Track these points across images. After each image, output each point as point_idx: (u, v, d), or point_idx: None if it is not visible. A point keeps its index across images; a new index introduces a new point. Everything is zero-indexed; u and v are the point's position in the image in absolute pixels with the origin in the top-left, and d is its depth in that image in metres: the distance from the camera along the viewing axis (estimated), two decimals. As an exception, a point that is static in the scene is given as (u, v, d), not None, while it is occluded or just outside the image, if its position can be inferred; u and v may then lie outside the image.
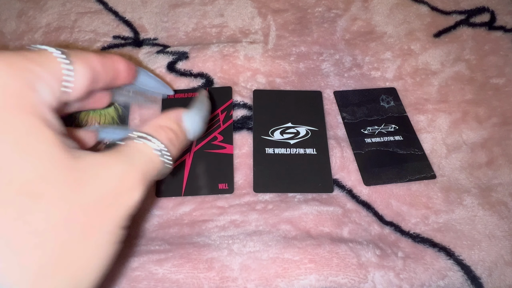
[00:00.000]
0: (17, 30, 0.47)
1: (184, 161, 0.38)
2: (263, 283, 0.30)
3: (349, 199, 0.36)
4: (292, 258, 0.31)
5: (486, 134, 0.40)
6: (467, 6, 0.50)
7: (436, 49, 0.47)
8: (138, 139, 0.21)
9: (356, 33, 0.48)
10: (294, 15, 0.49)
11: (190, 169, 0.37)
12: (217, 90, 0.42)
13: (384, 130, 0.40)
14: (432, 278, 0.31)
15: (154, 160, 0.21)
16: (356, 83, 0.44)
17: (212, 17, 0.49)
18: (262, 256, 0.31)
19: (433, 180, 0.37)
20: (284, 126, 0.40)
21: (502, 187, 0.37)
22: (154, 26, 0.48)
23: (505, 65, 0.45)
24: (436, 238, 0.34)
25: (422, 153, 0.39)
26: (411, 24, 0.49)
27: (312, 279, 0.30)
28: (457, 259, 0.33)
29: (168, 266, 0.31)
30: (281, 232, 0.33)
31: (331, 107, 0.42)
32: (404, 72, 0.45)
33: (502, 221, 0.35)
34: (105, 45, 0.46)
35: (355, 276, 0.31)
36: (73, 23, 0.47)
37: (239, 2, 0.50)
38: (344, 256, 0.31)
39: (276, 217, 0.34)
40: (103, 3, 0.49)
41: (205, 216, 0.35)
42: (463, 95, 0.43)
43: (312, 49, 0.47)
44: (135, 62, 0.45)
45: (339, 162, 0.38)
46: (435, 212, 0.35)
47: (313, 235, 0.33)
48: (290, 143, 0.39)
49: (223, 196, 0.36)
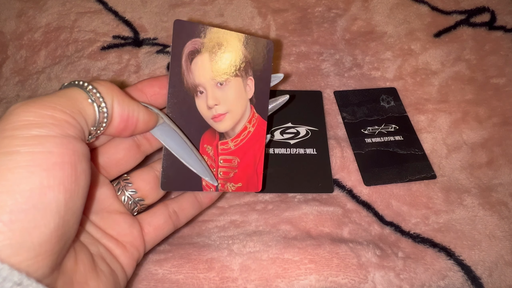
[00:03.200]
0: (17, 30, 0.47)
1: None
2: (263, 283, 0.30)
3: (349, 199, 0.36)
4: (292, 258, 0.31)
5: (486, 134, 0.40)
6: (468, 6, 0.50)
7: (436, 49, 0.46)
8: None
9: (356, 33, 0.48)
10: (294, 15, 0.49)
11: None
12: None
13: (384, 130, 0.40)
14: (433, 278, 0.31)
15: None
16: (356, 83, 0.44)
17: (212, 17, 0.48)
18: (262, 256, 0.31)
19: (434, 180, 0.37)
20: (284, 126, 0.40)
21: (503, 187, 0.37)
22: (154, 26, 0.48)
23: (506, 65, 0.45)
24: (436, 238, 0.34)
25: (422, 153, 0.39)
26: (411, 24, 0.49)
27: (312, 279, 0.30)
28: (458, 259, 0.32)
29: (168, 267, 0.31)
30: (281, 232, 0.33)
31: (331, 107, 0.42)
32: (404, 72, 0.45)
33: (502, 221, 0.35)
34: (105, 45, 0.46)
35: (355, 276, 0.31)
36: (73, 23, 0.47)
37: (239, 2, 0.50)
38: (344, 256, 0.31)
39: (276, 217, 0.34)
40: (103, 3, 0.49)
41: (205, 216, 0.35)
42: (464, 95, 0.43)
43: (312, 49, 0.46)
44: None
45: (339, 162, 0.38)
46: (435, 212, 0.35)
47: (313, 235, 0.33)
48: (290, 143, 0.39)
49: (222, 196, 0.36)
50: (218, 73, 0.28)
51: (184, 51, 0.27)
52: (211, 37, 0.28)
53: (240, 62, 0.29)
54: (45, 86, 0.43)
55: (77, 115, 0.20)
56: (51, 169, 0.17)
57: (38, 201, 0.17)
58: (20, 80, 0.44)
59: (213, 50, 0.28)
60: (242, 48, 0.29)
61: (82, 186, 0.19)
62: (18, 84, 0.43)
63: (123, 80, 0.43)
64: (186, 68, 0.27)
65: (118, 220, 0.26)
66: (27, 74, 0.44)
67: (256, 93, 0.29)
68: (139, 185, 0.28)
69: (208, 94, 0.28)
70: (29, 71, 0.44)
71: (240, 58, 0.29)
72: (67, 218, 0.18)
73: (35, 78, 0.43)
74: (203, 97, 0.28)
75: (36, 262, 0.17)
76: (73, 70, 0.43)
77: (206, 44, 0.28)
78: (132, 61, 0.44)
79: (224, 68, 0.28)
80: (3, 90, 0.43)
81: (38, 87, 0.43)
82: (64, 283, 0.20)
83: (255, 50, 0.29)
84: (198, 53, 0.28)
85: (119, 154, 0.27)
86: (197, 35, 0.27)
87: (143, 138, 0.28)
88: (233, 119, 0.29)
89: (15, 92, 0.43)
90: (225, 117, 0.29)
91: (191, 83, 0.28)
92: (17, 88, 0.43)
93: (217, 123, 0.29)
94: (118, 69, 0.44)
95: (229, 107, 0.29)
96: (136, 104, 0.23)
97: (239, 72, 0.29)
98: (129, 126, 0.23)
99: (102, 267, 0.23)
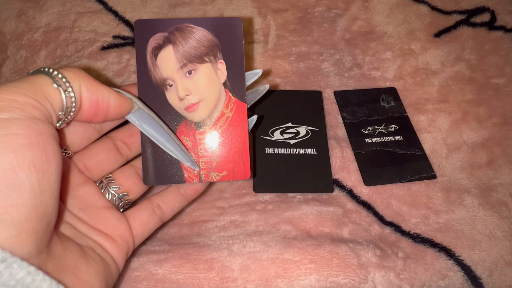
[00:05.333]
0: (17, 30, 0.47)
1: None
2: (263, 283, 0.30)
3: (349, 199, 0.36)
4: (292, 258, 0.31)
5: (486, 134, 0.40)
6: (468, 6, 0.50)
7: (436, 49, 0.46)
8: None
9: (356, 33, 0.48)
10: (294, 14, 0.49)
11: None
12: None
13: (384, 130, 0.40)
14: (433, 278, 0.31)
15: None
16: (356, 83, 0.44)
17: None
18: (262, 256, 0.31)
19: (434, 180, 0.37)
20: (284, 126, 0.40)
21: (503, 187, 0.37)
22: (154, 26, 0.48)
23: (506, 65, 0.45)
24: (436, 238, 0.34)
25: (422, 153, 0.39)
26: (411, 24, 0.49)
27: (312, 279, 0.30)
28: (458, 259, 0.32)
29: (168, 267, 0.31)
30: (281, 232, 0.33)
31: (331, 107, 0.42)
32: (404, 72, 0.45)
33: (502, 221, 0.35)
34: (105, 45, 0.46)
35: (355, 276, 0.31)
36: (73, 23, 0.47)
37: (239, 2, 0.50)
38: (344, 256, 0.31)
39: (276, 217, 0.34)
40: (103, 3, 0.49)
41: (205, 216, 0.35)
42: (464, 95, 0.43)
43: (312, 49, 0.46)
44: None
45: (339, 162, 0.38)
46: (435, 212, 0.35)
47: (313, 235, 0.33)
48: (290, 143, 0.39)
49: (222, 196, 0.36)
50: (184, 65, 0.28)
51: (148, 48, 0.28)
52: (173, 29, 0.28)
53: (206, 50, 0.28)
54: (45, 86, 0.43)
55: (41, 99, 0.20)
56: (19, 150, 0.18)
57: (11, 181, 0.17)
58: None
59: (176, 44, 0.28)
60: (206, 33, 0.28)
61: (54, 167, 0.19)
62: (18, 84, 0.43)
63: (122, 81, 0.43)
64: (152, 65, 0.28)
65: (105, 214, 0.27)
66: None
67: (229, 76, 0.29)
68: (121, 181, 0.29)
69: (178, 86, 0.28)
70: (29, 71, 0.44)
71: (205, 46, 0.28)
72: (44, 198, 0.18)
73: (35, 78, 0.43)
74: (173, 89, 0.28)
75: (19, 240, 0.17)
76: (73, 70, 0.43)
77: (168, 36, 0.28)
78: (132, 61, 0.44)
79: (189, 56, 0.28)
80: (3, 90, 0.43)
81: (38, 87, 0.43)
82: (54, 266, 0.20)
83: (223, 32, 0.28)
84: (162, 48, 0.28)
85: (101, 155, 0.28)
86: (159, 30, 0.28)
87: (122, 143, 0.29)
88: (207, 107, 0.29)
89: (15, 92, 0.43)
90: (199, 106, 0.29)
91: (159, 78, 0.28)
92: (17, 88, 0.43)
93: (191, 114, 0.29)
94: (118, 69, 0.44)
95: (202, 95, 0.28)
96: (106, 89, 0.24)
97: (206, 58, 0.28)
98: (100, 111, 0.24)
99: (92, 256, 0.24)
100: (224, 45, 0.29)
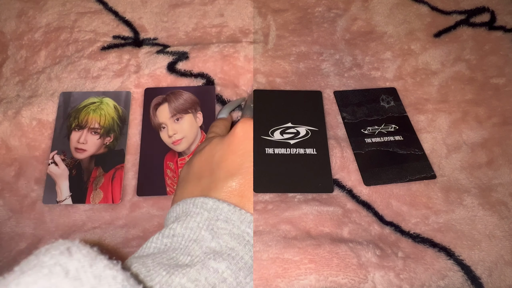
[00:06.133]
0: (17, 30, 0.47)
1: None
2: (263, 283, 0.30)
3: (349, 199, 0.36)
4: (292, 258, 0.31)
5: (486, 134, 0.40)
6: (467, 6, 0.50)
7: (436, 49, 0.46)
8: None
9: (356, 33, 0.48)
10: (294, 15, 0.49)
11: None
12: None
13: (384, 130, 0.40)
14: (432, 278, 0.31)
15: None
16: (356, 83, 0.44)
17: (212, 17, 0.49)
18: (262, 256, 0.31)
19: (433, 180, 0.37)
20: (284, 126, 0.40)
21: (502, 187, 0.37)
22: (154, 26, 0.48)
23: (505, 65, 0.45)
24: (436, 238, 0.34)
25: (422, 153, 0.39)
26: (411, 24, 0.49)
27: (312, 279, 0.30)
28: (457, 259, 0.33)
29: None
30: (281, 232, 0.33)
31: (331, 107, 0.42)
32: (404, 72, 0.45)
33: (502, 221, 0.35)
34: (105, 45, 0.46)
35: (355, 276, 0.31)
36: (73, 23, 0.47)
37: (239, 2, 0.50)
38: (344, 256, 0.31)
39: (276, 217, 0.34)
40: (103, 3, 0.49)
41: (205, 216, 0.35)
42: (463, 95, 0.43)
43: (312, 49, 0.46)
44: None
45: (339, 162, 0.38)
46: (435, 212, 0.35)
47: (313, 235, 0.33)
48: (290, 143, 0.39)
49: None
50: (174, 115, 0.41)
51: (151, 104, 0.42)
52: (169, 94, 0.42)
53: (190, 105, 0.41)
54: (45, 86, 0.43)
55: None
56: None
57: None
58: (20, 80, 0.44)
59: (170, 102, 0.42)
60: (191, 95, 0.42)
61: None
62: (18, 84, 0.43)
63: (122, 81, 0.43)
64: (152, 115, 0.41)
65: None
66: (27, 74, 0.44)
67: (204, 121, 0.41)
68: None
69: (168, 128, 0.40)
70: (29, 71, 0.44)
71: (189, 103, 0.42)
72: None
73: (35, 78, 0.43)
74: (165, 130, 0.40)
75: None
76: (73, 70, 0.43)
77: (165, 97, 0.42)
78: (132, 61, 0.44)
79: (178, 109, 0.41)
80: (3, 90, 0.43)
81: (38, 87, 0.43)
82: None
83: (202, 94, 0.42)
84: (160, 104, 0.41)
85: None
86: (160, 93, 0.42)
87: None
88: (187, 142, 0.40)
89: (15, 92, 0.43)
90: (182, 141, 0.40)
91: (156, 123, 0.41)
92: (17, 88, 0.43)
93: (176, 146, 0.40)
94: (118, 69, 0.44)
95: (184, 134, 0.40)
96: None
97: (190, 110, 0.41)
98: None
99: None
100: (202, 102, 0.42)
